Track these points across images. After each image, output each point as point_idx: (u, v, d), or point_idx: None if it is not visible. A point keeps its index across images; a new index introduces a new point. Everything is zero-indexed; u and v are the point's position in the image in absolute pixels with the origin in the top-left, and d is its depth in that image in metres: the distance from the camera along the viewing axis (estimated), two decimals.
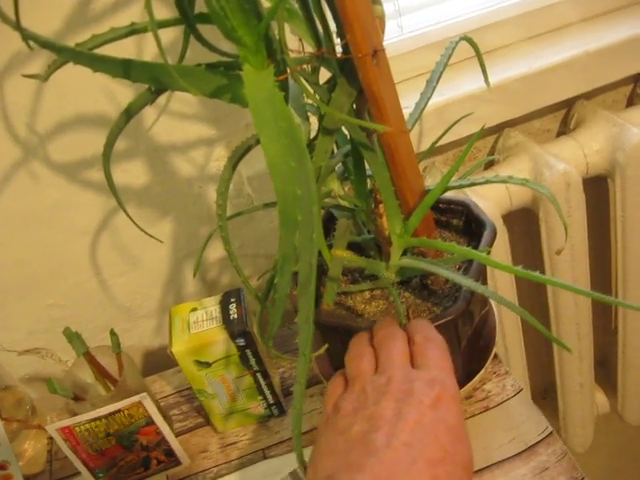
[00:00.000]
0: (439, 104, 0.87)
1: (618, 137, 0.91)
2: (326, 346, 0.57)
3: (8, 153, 0.75)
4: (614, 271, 1.10)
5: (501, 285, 0.96)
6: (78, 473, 0.77)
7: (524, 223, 1.02)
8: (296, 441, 0.42)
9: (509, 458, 0.67)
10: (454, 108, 0.87)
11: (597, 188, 1.04)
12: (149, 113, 0.78)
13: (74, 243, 0.85)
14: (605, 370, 1.29)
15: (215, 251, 0.91)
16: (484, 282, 0.69)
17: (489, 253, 0.62)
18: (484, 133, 0.98)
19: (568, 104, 0.99)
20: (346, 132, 0.61)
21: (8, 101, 0.72)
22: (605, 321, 1.26)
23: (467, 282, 0.54)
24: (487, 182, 0.59)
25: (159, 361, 0.98)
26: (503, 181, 0.58)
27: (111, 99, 0.75)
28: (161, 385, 0.86)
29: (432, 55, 0.90)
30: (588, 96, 0.98)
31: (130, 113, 0.55)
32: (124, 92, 0.74)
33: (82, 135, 0.77)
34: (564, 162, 0.89)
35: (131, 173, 0.82)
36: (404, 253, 0.62)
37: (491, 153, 1.00)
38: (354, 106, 0.54)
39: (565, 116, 1.01)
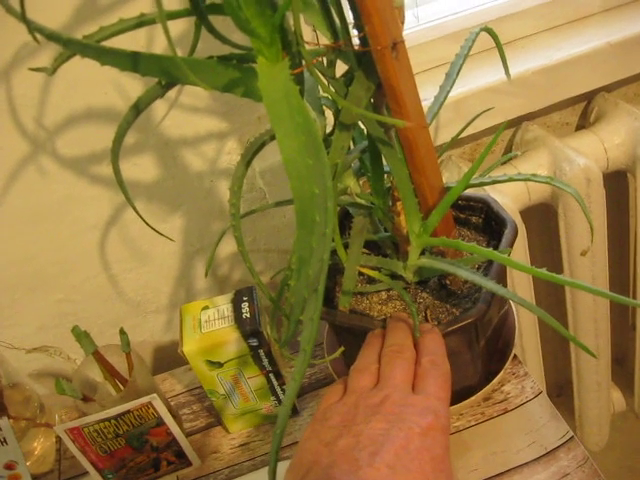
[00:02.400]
0: (457, 97, 0.84)
1: (639, 131, 0.89)
2: (342, 349, 0.55)
3: (16, 148, 0.74)
4: (632, 267, 1.08)
5: (518, 282, 0.94)
6: (88, 472, 0.76)
7: (542, 219, 1.00)
8: (275, 440, 0.41)
9: (528, 462, 0.65)
10: (472, 101, 0.85)
11: (616, 184, 1.02)
12: (159, 106, 0.76)
13: (83, 238, 0.84)
14: (622, 368, 1.27)
15: (227, 246, 0.90)
16: (504, 283, 0.67)
17: (510, 254, 0.60)
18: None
19: (588, 97, 0.97)
20: (363, 127, 0.59)
21: (15, 94, 0.71)
22: (623, 319, 1.24)
23: (488, 284, 0.52)
24: (510, 180, 0.57)
25: (169, 357, 0.97)
26: (527, 179, 0.56)
27: (120, 92, 0.74)
28: (172, 383, 0.85)
29: (449, 46, 0.88)
30: (609, 89, 0.95)
31: (139, 108, 0.53)
32: (134, 85, 0.73)
33: (91, 129, 0.75)
34: (584, 157, 0.87)
35: (141, 167, 0.80)
36: (422, 252, 0.60)
37: (509, 147, 0.98)
38: (372, 100, 0.53)
39: (585, 109, 0.98)
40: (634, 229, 1.00)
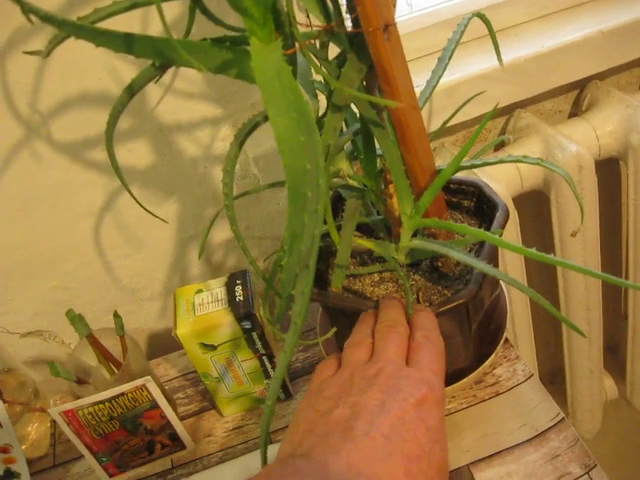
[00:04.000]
0: (449, 83, 0.85)
1: (632, 119, 0.89)
2: (334, 329, 0.56)
3: (10, 133, 0.74)
4: (625, 254, 1.08)
5: (511, 269, 0.94)
6: (82, 456, 0.76)
7: (535, 205, 1.01)
8: (267, 411, 0.41)
9: (520, 444, 0.66)
10: (464, 88, 0.85)
11: (608, 171, 1.02)
12: (154, 92, 0.76)
13: (77, 224, 0.84)
14: (614, 356, 1.28)
15: (220, 233, 0.90)
16: (496, 265, 0.67)
17: (501, 235, 0.60)
18: (495, 114, 0.96)
19: (581, 85, 0.97)
20: (355, 111, 0.60)
21: (10, 79, 0.71)
22: (615, 307, 1.24)
23: (479, 264, 0.53)
24: (500, 162, 0.58)
25: (163, 344, 0.97)
26: (517, 160, 0.57)
27: (114, 77, 0.74)
28: (165, 368, 0.85)
29: (442, 33, 0.89)
30: (601, 77, 0.96)
31: (133, 90, 0.53)
32: (128, 69, 0.73)
33: (85, 114, 0.75)
34: (576, 144, 0.87)
35: (136, 153, 0.80)
36: (414, 234, 0.60)
37: (501, 134, 0.98)
38: (364, 83, 0.53)
39: (577, 97, 0.99)
40: (626, 217, 1.01)
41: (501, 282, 0.71)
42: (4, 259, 0.83)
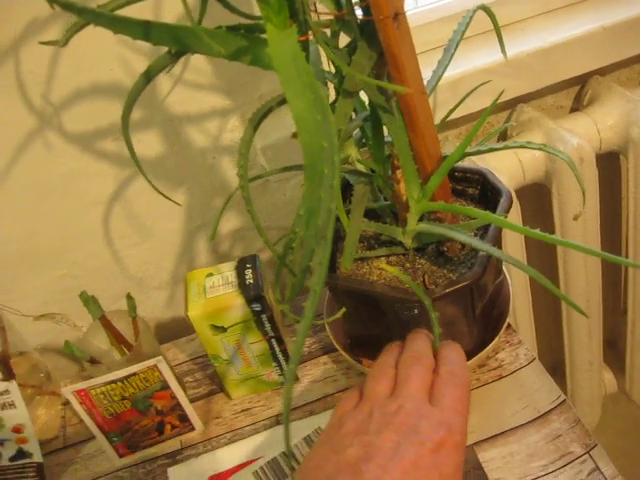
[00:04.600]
0: (453, 77, 0.86)
1: (632, 113, 0.91)
2: (343, 310, 0.57)
3: (23, 122, 0.75)
4: (625, 248, 1.10)
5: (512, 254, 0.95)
6: (92, 438, 0.78)
7: (536, 199, 1.02)
8: (288, 386, 0.41)
9: (522, 425, 0.67)
10: (468, 81, 0.87)
11: (608, 166, 1.04)
12: (164, 83, 0.78)
13: (87, 213, 0.85)
14: (614, 350, 1.30)
15: (228, 223, 0.92)
16: (499, 247, 0.69)
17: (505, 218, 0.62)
18: (497, 108, 0.98)
19: (582, 80, 0.99)
20: (364, 99, 0.61)
21: (23, 69, 0.72)
22: (614, 302, 1.26)
23: (484, 246, 0.54)
24: (506, 147, 0.59)
25: (171, 333, 0.98)
26: (521, 146, 0.59)
27: (126, 68, 0.75)
28: (174, 353, 0.86)
29: (447, 28, 0.90)
30: (602, 72, 0.97)
31: (150, 75, 0.55)
32: (139, 60, 0.74)
33: (97, 105, 0.77)
34: (578, 137, 0.89)
35: (145, 144, 0.82)
36: (421, 219, 0.62)
37: (504, 129, 1.00)
38: (373, 71, 0.55)
39: (579, 93, 1.01)
40: (626, 210, 1.02)
41: (504, 270, 0.73)
42: (14, 247, 0.84)
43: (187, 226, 0.91)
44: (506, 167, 0.90)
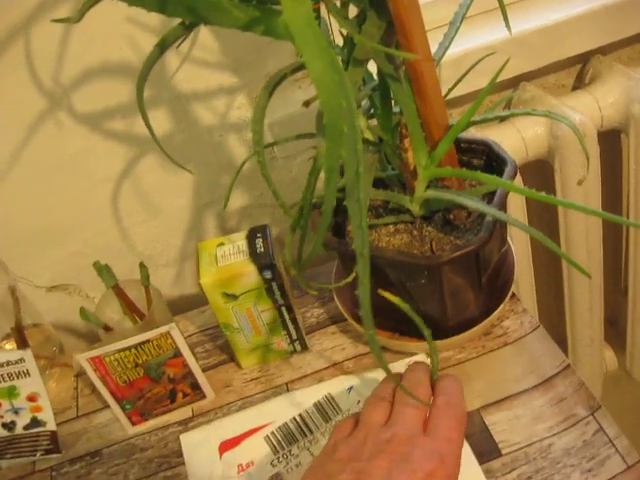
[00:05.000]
0: (456, 55, 0.87)
1: (633, 90, 0.92)
2: (354, 274, 0.59)
3: (33, 101, 0.76)
4: (626, 226, 1.11)
5: (515, 232, 0.97)
6: (104, 408, 0.79)
7: (539, 175, 1.03)
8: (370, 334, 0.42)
9: (527, 390, 0.69)
10: (471, 58, 0.87)
11: (609, 147, 1.05)
12: (172, 61, 0.79)
13: (96, 191, 0.86)
14: (614, 329, 1.31)
15: (235, 200, 0.93)
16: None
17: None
18: (500, 87, 0.99)
19: (584, 59, 1.00)
20: (372, 72, 0.63)
21: (33, 48, 0.73)
22: (615, 280, 1.27)
23: (491, 210, 0.56)
24: (512, 115, 0.61)
25: (179, 310, 0.99)
26: (527, 113, 0.60)
27: (134, 47, 0.76)
28: (185, 325, 0.88)
29: (450, 7, 0.91)
30: (604, 51, 0.99)
31: (164, 46, 0.56)
32: (147, 38, 0.75)
33: (106, 84, 0.78)
34: (580, 113, 0.90)
35: (153, 122, 0.81)
36: (428, 187, 0.63)
37: (507, 107, 1.01)
38: (382, 41, 0.56)
39: (580, 71, 1.02)
40: (627, 188, 1.04)
41: (509, 240, 0.74)
42: (24, 225, 0.86)
43: (195, 203, 0.92)
44: (509, 144, 0.91)
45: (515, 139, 0.92)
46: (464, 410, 0.52)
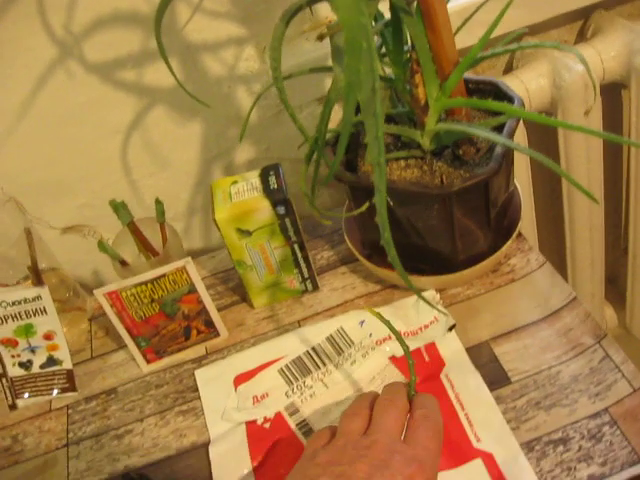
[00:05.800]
0: (458, 7, 0.89)
1: (635, 43, 0.94)
2: (367, 204, 0.60)
3: (45, 50, 0.77)
4: (626, 179, 1.13)
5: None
6: (118, 349, 0.81)
7: (542, 127, 1.05)
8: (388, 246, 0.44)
9: (535, 322, 0.71)
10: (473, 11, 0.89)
11: (610, 103, 1.07)
12: (183, 11, 0.80)
13: (105, 142, 0.87)
14: (614, 287, 1.33)
15: (243, 153, 0.94)
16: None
17: (519, 120, 0.65)
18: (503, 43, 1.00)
19: (585, 14, 1.01)
20: (383, 11, 0.64)
21: None
22: (615, 239, 1.29)
23: (502, 139, 0.57)
24: (520, 48, 0.62)
25: None
26: (536, 45, 0.61)
27: None
28: (197, 269, 0.89)
29: None
30: (606, 6, 1.00)
31: None
32: None
33: (117, 33, 0.78)
34: (582, 65, 0.92)
35: (163, 72, 0.84)
36: (438, 121, 0.65)
37: (510, 60, 1.02)
38: None
39: (582, 27, 1.03)
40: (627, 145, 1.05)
41: (515, 183, 0.76)
42: (34, 176, 0.87)
43: (203, 155, 0.93)
44: None
45: (519, 91, 0.94)
46: (441, 424, 0.53)
